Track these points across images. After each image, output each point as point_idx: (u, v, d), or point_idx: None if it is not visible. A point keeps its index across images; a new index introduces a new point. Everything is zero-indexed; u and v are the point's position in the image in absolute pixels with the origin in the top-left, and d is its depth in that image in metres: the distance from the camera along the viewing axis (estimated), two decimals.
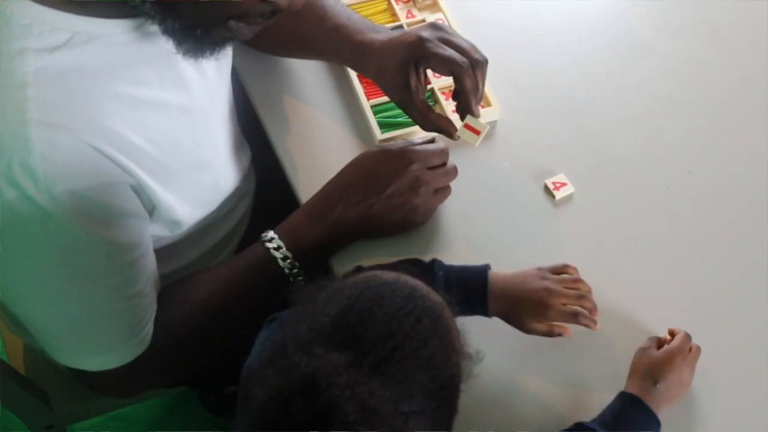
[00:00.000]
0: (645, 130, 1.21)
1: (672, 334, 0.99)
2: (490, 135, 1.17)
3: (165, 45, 0.89)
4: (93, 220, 0.88)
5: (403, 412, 0.71)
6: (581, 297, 0.99)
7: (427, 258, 1.02)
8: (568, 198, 1.14)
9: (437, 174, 1.07)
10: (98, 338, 0.98)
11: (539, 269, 1.01)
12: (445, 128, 1.10)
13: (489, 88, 1.20)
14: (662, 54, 1.29)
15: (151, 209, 0.96)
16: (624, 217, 1.13)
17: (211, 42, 0.89)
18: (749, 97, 1.25)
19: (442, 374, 0.74)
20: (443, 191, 1.09)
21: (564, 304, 0.97)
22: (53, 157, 0.83)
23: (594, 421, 0.93)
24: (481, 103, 1.19)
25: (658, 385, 0.94)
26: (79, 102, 0.85)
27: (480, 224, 1.12)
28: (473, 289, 0.98)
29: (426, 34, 1.08)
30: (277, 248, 1.04)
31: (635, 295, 1.06)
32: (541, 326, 0.98)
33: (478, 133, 1.08)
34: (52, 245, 0.87)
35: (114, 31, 0.88)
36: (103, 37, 0.87)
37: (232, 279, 1.05)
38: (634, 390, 0.94)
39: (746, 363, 1.02)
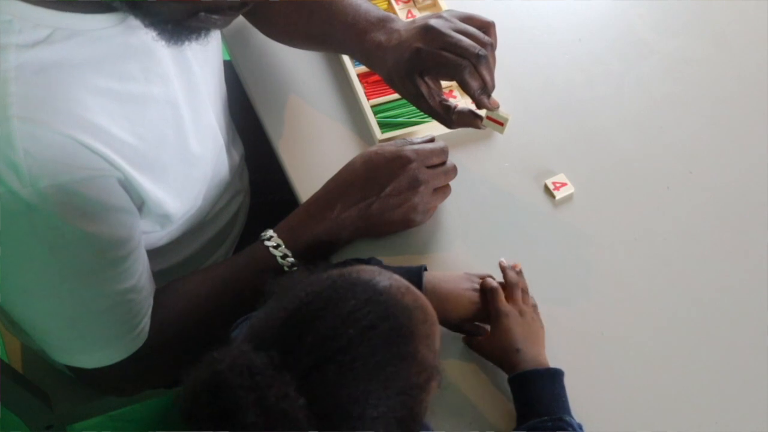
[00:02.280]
0: (645, 130, 1.21)
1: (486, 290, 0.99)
2: (490, 134, 1.17)
3: (149, 38, 0.88)
4: (80, 214, 0.87)
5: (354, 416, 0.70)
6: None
7: (424, 259, 1.02)
8: (568, 198, 1.14)
9: (436, 173, 1.07)
10: (93, 334, 0.97)
11: (466, 273, 1.02)
12: (471, 123, 1.10)
13: None
14: (662, 54, 1.29)
15: (140, 204, 0.96)
16: (624, 217, 1.13)
17: (188, 32, 0.88)
18: (749, 97, 1.25)
19: (396, 383, 0.72)
20: (443, 190, 1.09)
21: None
22: (37, 152, 0.82)
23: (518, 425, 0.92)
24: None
25: (519, 349, 0.94)
26: (61, 97, 0.85)
27: (480, 224, 1.12)
28: None
29: (421, 44, 1.05)
30: (276, 246, 1.03)
31: (635, 295, 1.06)
32: (468, 325, 1.00)
33: (501, 124, 1.08)
34: (40, 240, 0.87)
35: (97, 26, 0.87)
36: (86, 32, 0.87)
37: (231, 277, 1.05)
38: (514, 370, 0.94)
39: (746, 363, 1.02)
